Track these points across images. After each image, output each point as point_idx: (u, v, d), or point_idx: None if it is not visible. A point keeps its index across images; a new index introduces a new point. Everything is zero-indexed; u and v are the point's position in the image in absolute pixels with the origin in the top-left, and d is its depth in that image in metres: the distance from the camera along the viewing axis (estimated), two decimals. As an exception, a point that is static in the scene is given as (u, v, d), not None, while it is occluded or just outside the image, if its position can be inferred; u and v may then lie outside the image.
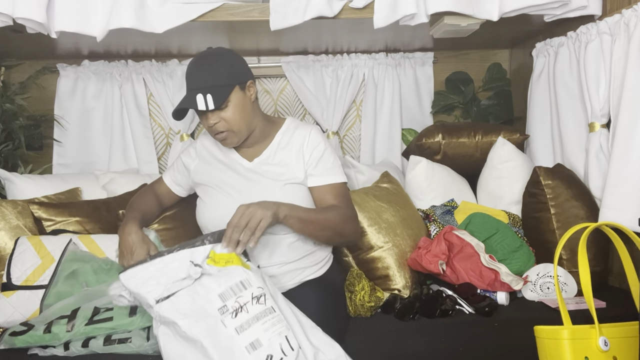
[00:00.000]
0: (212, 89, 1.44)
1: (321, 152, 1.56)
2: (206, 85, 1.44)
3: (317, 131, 1.60)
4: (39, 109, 2.39)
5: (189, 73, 1.49)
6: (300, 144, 1.56)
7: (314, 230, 1.46)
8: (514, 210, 2.04)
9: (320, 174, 1.54)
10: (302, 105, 2.55)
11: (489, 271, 1.69)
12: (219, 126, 1.48)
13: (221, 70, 1.47)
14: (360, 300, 1.59)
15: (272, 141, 1.59)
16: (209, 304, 1.12)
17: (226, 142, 1.52)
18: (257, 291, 1.13)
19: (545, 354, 1.22)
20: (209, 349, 1.06)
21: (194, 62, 1.50)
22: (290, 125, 1.61)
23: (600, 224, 1.35)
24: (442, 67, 2.57)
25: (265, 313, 1.12)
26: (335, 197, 1.54)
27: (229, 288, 1.13)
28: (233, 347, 1.06)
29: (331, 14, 1.81)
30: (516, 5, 1.82)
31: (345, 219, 1.52)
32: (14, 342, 1.34)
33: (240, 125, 1.50)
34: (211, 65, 1.47)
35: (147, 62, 2.41)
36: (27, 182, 2.01)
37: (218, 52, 1.52)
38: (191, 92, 1.46)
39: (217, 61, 1.48)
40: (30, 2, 1.65)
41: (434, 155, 2.21)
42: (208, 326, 1.08)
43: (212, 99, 1.43)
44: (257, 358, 1.05)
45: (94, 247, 1.67)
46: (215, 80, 1.45)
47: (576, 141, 1.97)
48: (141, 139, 2.44)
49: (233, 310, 1.10)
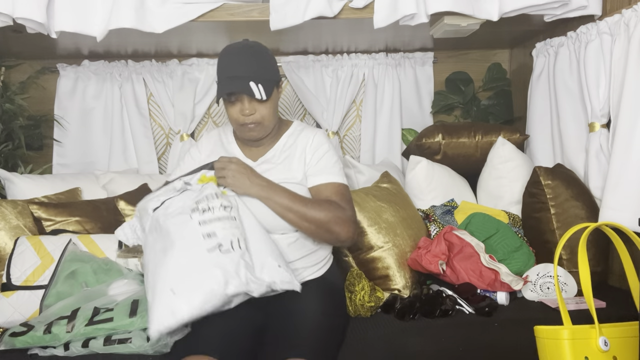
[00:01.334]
0: (262, 80, 1.45)
1: (323, 152, 1.55)
2: (256, 76, 1.45)
3: (322, 134, 1.60)
4: (39, 109, 2.39)
5: (234, 60, 1.48)
6: (304, 146, 1.56)
7: (295, 219, 1.45)
8: (514, 210, 2.04)
9: (319, 172, 1.53)
10: (302, 105, 2.55)
11: (489, 271, 1.69)
12: (255, 117, 1.48)
13: (269, 65, 1.50)
14: (360, 300, 1.59)
15: (278, 142, 1.59)
16: (186, 205, 1.35)
17: (252, 133, 1.51)
18: (225, 202, 1.36)
19: (545, 354, 1.22)
20: (173, 234, 1.30)
21: (241, 50, 1.49)
22: (297, 128, 1.62)
23: (600, 224, 1.35)
24: (442, 67, 2.57)
25: (228, 218, 1.33)
26: (330, 195, 1.51)
27: (204, 196, 1.35)
28: (193, 234, 1.29)
29: (331, 14, 1.81)
30: (516, 5, 1.82)
31: (336, 219, 1.46)
32: (14, 342, 1.34)
33: (271, 121, 1.52)
34: (260, 58, 1.49)
35: (147, 62, 2.41)
36: (27, 182, 2.01)
37: (262, 47, 1.53)
38: (241, 79, 1.45)
39: (264, 55, 1.50)
40: (30, 2, 1.65)
41: (434, 155, 2.21)
42: (180, 221, 1.32)
43: (263, 90, 1.44)
44: (209, 244, 1.27)
45: (93, 247, 1.67)
46: (264, 73, 1.47)
47: (576, 141, 1.97)
48: (141, 139, 2.44)
49: (202, 209, 1.32)
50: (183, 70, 2.42)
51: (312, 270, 1.55)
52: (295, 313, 1.39)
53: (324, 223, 1.44)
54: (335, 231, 1.46)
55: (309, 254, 1.55)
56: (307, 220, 1.44)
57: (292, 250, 1.51)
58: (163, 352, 1.35)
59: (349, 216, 1.49)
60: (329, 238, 1.51)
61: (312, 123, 2.54)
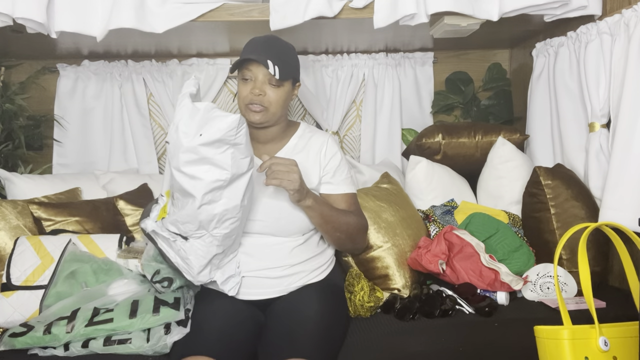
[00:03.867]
0: (283, 63, 1.48)
1: (338, 161, 1.59)
2: (276, 58, 1.47)
3: (335, 140, 1.64)
4: (39, 109, 2.39)
5: (259, 42, 1.52)
6: (318, 151, 1.58)
7: (331, 229, 1.52)
8: (514, 210, 2.04)
9: (336, 182, 1.58)
10: (302, 105, 2.55)
11: (489, 271, 1.69)
12: (263, 99, 1.49)
13: (290, 59, 1.54)
14: (359, 300, 1.59)
15: (288, 143, 1.59)
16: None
17: (256, 116, 1.51)
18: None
19: (545, 354, 1.22)
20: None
21: (268, 38, 1.55)
22: (306, 130, 1.63)
23: (600, 224, 1.35)
24: (442, 67, 2.57)
25: None
26: (348, 206, 1.58)
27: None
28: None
29: (331, 14, 1.81)
30: (516, 5, 1.81)
31: (360, 227, 1.60)
32: (13, 343, 1.34)
33: (277, 110, 1.52)
34: (284, 49, 1.53)
35: (147, 62, 2.41)
36: (27, 182, 2.01)
37: (290, 45, 1.57)
38: (262, 55, 1.47)
39: (289, 50, 1.55)
40: (30, 2, 1.65)
41: (434, 155, 2.21)
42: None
43: (279, 70, 1.46)
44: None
45: (93, 247, 1.67)
46: (285, 61, 1.49)
47: (576, 141, 1.96)
48: (141, 139, 2.44)
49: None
50: (183, 70, 2.42)
51: (316, 273, 1.55)
52: (295, 313, 1.39)
53: (352, 234, 1.56)
54: (358, 241, 1.64)
55: (312, 257, 1.55)
56: (339, 231, 1.53)
57: (295, 253, 1.51)
58: (162, 352, 1.35)
59: (366, 226, 1.65)
60: (351, 247, 1.67)
61: (312, 123, 2.53)
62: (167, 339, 1.34)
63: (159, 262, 1.50)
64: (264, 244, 1.49)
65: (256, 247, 1.49)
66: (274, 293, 1.49)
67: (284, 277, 1.50)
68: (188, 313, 1.42)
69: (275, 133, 1.58)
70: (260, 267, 1.48)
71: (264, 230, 1.49)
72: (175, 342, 1.35)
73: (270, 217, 1.48)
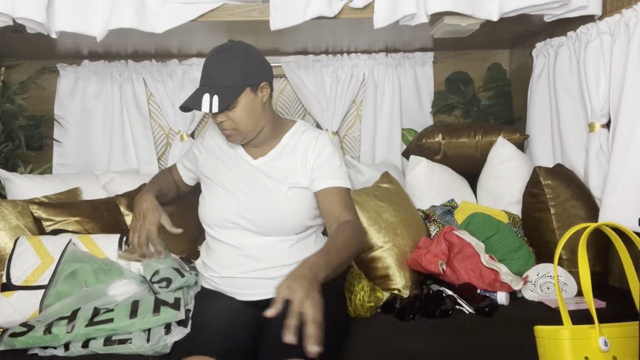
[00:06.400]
0: (221, 89, 1.43)
1: (328, 155, 1.53)
2: (217, 85, 1.43)
3: (326, 136, 1.57)
4: (39, 109, 2.39)
5: (205, 66, 1.48)
6: (305, 148, 1.54)
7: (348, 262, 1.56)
8: (514, 210, 2.04)
9: (324, 176, 1.51)
10: (302, 105, 2.55)
11: (489, 271, 1.69)
12: (225, 124, 1.48)
13: (234, 70, 1.44)
14: (360, 300, 1.59)
15: (279, 143, 1.58)
16: None
17: (231, 139, 1.52)
18: None
19: (545, 354, 1.22)
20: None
21: (211, 56, 1.48)
22: (299, 129, 1.59)
23: (600, 224, 1.35)
24: (442, 67, 2.57)
25: None
26: (342, 204, 1.49)
27: None
28: None
29: (331, 14, 1.81)
30: (516, 5, 1.82)
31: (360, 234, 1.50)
32: (13, 343, 1.34)
33: (247, 126, 1.49)
34: (226, 63, 1.45)
35: (147, 62, 2.41)
36: (27, 182, 2.01)
37: (236, 50, 1.48)
38: (201, 89, 1.45)
39: (232, 60, 1.45)
40: (30, 2, 1.65)
41: (434, 155, 2.21)
42: None
43: (217, 102, 1.42)
44: None
45: (93, 247, 1.67)
46: (227, 80, 1.44)
47: (576, 141, 1.96)
48: (141, 139, 2.44)
49: None
50: (183, 70, 2.42)
51: None
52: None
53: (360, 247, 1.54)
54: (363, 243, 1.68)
55: None
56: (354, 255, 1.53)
57: (293, 252, 1.50)
58: (163, 352, 1.35)
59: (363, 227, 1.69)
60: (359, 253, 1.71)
61: (312, 123, 2.53)
62: (167, 339, 1.34)
63: (159, 262, 1.50)
64: (258, 244, 1.49)
65: (250, 247, 1.48)
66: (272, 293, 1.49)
67: (281, 277, 1.50)
68: (188, 313, 1.42)
69: (265, 136, 1.56)
70: (256, 267, 1.48)
71: (256, 231, 1.49)
72: (175, 342, 1.34)
73: (260, 218, 1.47)
